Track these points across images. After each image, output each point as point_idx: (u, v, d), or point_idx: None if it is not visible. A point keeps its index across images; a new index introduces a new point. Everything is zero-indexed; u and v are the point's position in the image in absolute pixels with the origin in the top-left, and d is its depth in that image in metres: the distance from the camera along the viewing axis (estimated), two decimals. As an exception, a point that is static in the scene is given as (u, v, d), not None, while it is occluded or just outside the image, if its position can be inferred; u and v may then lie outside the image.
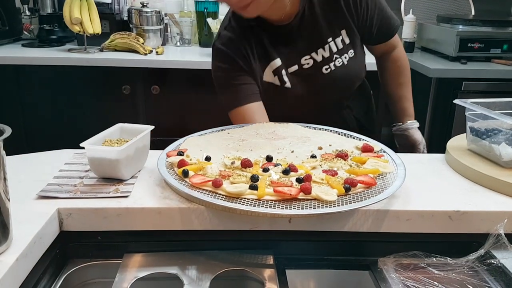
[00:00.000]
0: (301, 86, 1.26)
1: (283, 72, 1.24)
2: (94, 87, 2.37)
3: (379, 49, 1.38)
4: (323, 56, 1.23)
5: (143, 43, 2.48)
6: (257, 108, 1.22)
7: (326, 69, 1.25)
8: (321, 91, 1.27)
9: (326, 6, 1.20)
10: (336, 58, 1.24)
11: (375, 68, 1.47)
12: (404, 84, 1.40)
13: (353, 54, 1.26)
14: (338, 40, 1.23)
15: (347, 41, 1.24)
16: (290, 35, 1.21)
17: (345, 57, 1.25)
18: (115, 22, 2.62)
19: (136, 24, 2.57)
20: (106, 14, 2.57)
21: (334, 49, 1.23)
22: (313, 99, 1.27)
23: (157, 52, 2.45)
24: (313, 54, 1.23)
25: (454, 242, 0.88)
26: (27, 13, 2.63)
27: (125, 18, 2.70)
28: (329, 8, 1.20)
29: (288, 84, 1.25)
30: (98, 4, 2.47)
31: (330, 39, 1.23)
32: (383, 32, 1.31)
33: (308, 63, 1.24)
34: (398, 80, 1.41)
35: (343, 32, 1.23)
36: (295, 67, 1.24)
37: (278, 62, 1.23)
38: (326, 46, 1.23)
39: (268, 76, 1.24)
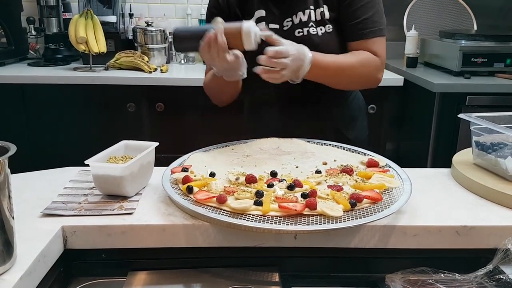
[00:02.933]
0: None
1: (263, 24, 1.27)
2: (99, 105, 2.39)
3: (350, 47, 1.29)
4: (300, 20, 1.27)
5: (148, 61, 2.50)
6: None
7: (299, 33, 1.27)
8: None
9: None
10: (312, 26, 1.27)
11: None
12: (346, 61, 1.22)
13: (330, 29, 1.27)
14: (318, 11, 1.26)
15: (327, 15, 1.26)
16: None
17: (321, 29, 1.27)
18: (120, 41, 2.64)
19: (141, 43, 2.60)
20: (111, 33, 2.60)
21: (313, 18, 1.27)
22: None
23: (161, 70, 2.46)
24: (293, 17, 1.27)
25: (462, 258, 0.87)
26: (33, 32, 2.66)
27: (130, 37, 2.73)
28: None
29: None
30: (103, 24, 2.50)
31: (312, 7, 1.27)
32: (357, 30, 1.26)
33: (287, 25, 1.28)
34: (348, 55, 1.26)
35: (325, 6, 1.26)
36: (276, 26, 1.28)
37: (262, 12, 1.28)
38: (306, 11, 1.26)
39: None
